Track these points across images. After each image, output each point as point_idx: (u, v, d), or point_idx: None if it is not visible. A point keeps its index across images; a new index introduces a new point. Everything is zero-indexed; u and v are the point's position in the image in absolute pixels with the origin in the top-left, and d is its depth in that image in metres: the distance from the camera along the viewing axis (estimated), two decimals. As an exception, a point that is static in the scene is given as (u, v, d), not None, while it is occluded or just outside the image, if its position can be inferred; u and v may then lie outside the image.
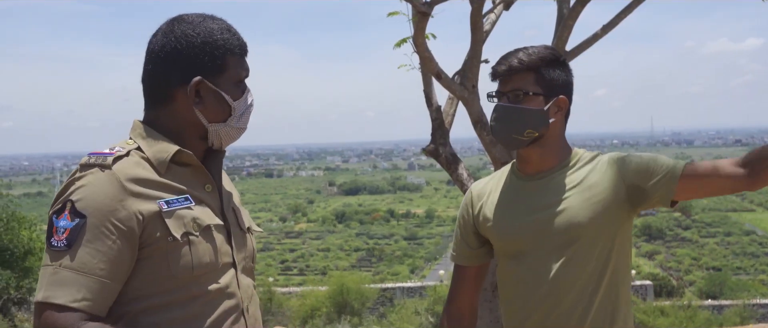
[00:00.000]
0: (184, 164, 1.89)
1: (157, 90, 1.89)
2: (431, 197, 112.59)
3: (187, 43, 1.86)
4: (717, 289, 38.01)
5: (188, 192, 1.86)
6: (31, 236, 19.45)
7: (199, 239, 1.83)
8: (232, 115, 1.92)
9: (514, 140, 2.30)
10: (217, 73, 1.88)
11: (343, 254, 71.67)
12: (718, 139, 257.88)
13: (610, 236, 2.27)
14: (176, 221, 1.79)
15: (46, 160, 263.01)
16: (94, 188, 1.72)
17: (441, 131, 6.79)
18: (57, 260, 1.68)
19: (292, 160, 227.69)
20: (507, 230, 2.36)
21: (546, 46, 2.36)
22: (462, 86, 6.29)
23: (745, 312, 24.13)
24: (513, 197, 2.38)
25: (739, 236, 72.32)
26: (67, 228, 1.69)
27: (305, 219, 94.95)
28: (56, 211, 1.73)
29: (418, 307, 24.88)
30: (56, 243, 1.69)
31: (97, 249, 1.69)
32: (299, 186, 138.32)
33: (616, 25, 6.68)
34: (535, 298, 2.29)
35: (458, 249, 2.55)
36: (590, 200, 2.25)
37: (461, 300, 2.56)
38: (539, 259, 2.29)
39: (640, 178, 2.25)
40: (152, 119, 1.91)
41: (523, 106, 2.26)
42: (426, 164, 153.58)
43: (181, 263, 1.79)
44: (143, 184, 1.78)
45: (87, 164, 1.77)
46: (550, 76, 2.29)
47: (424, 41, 5.88)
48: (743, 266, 60.20)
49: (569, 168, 2.34)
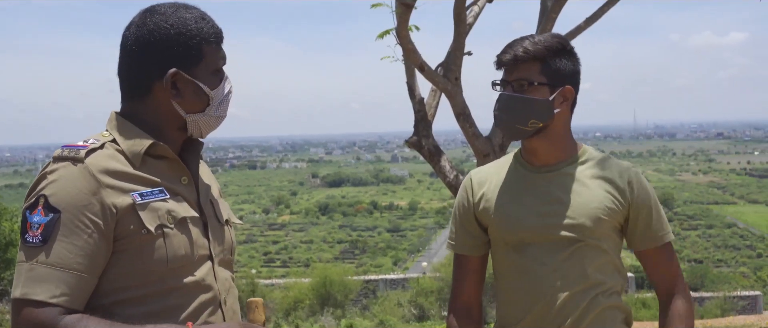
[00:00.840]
0: (159, 157, 1.86)
1: (134, 83, 1.87)
2: (414, 189, 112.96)
3: (161, 35, 1.82)
4: (698, 281, 38.28)
5: (163, 185, 1.84)
6: (12, 227, 19.30)
7: (173, 231, 1.80)
8: (211, 105, 1.90)
9: (517, 131, 2.25)
10: (193, 64, 1.86)
11: (326, 246, 71.78)
12: (700, 133, 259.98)
13: (614, 240, 2.29)
14: (150, 214, 1.77)
15: (28, 151, 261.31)
16: (66, 182, 1.70)
17: (424, 123, 6.78)
18: (33, 256, 1.66)
19: (276, 152, 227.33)
20: (511, 220, 2.30)
21: (553, 34, 2.30)
22: (445, 78, 6.28)
23: (726, 305, 24.29)
24: (519, 188, 2.33)
25: (721, 229, 73.06)
26: (41, 223, 1.67)
27: (288, 211, 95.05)
28: (29, 206, 1.70)
29: (401, 299, 24.92)
30: (31, 239, 1.67)
31: (73, 243, 1.67)
32: (282, 178, 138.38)
33: (599, 17, 6.70)
34: (537, 289, 2.26)
35: (458, 238, 2.47)
36: (600, 203, 2.24)
37: (467, 294, 2.47)
38: (544, 251, 2.25)
39: (639, 218, 2.30)
40: (130, 111, 1.88)
41: (528, 96, 2.20)
42: (409, 156, 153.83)
43: (156, 256, 1.76)
44: (117, 176, 1.76)
45: (59, 157, 1.74)
46: (556, 66, 2.23)
47: (407, 33, 5.85)
48: (724, 259, 60.89)
49: (578, 164, 2.31)
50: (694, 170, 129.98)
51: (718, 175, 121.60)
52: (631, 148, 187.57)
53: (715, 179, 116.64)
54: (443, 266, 26.80)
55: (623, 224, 2.30)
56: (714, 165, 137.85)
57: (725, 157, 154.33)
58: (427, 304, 24.27)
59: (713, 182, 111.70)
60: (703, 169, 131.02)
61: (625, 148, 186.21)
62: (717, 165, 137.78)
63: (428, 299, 24.48)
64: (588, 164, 2.31)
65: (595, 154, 2.35)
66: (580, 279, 2.23)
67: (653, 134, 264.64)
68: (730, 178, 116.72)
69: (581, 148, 2.36)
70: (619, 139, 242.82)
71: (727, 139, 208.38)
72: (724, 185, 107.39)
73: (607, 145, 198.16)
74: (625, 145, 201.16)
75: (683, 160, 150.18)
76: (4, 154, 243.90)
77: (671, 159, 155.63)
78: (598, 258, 2.25)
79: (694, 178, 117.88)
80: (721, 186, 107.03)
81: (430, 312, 23.80)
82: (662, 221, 2.31)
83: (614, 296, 2.29)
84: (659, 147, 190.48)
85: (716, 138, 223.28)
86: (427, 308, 24.10)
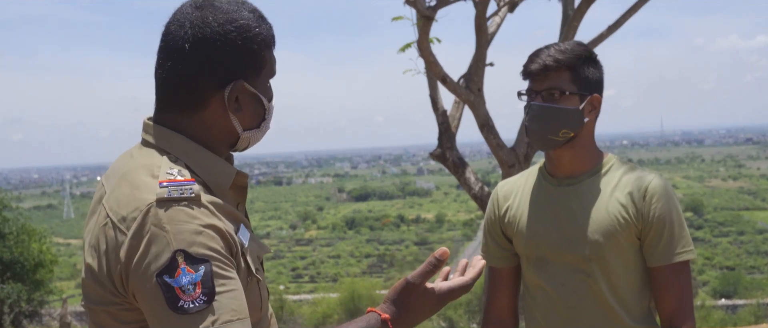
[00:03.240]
0: (233, 186, 1.61)
1: (186, 94, 1.54)
2: (441, 202, 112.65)
3: (227, 39, 1.51)
4: (731, 288, 37.89)
5: (241, 219, 1.57)
6: (41, 248, 19.53)
7: (262, 273, 1.61)
8: (266, 119, 1.64)
9: (549, 141, 2.21)
10: (256, 73, 1.58)
11: (353, 261, 71.77)
12: (728, 138, 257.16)
13: (633, 256, 2.21)
14: (250, 257, 1.54)
15: (55, 172, 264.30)
16: (197, 225, 1.40)
17: (447, 135, 6.76)
18: (204, 320, 1.35)
19: (301, 168, 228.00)
20: (531, 236, 2.29)
21: (578, 42, 2.28)
22: (467, 90, 6.26)
23: (760, 311, 24.04)
24: (540, 202, 2.31)
25: (752, 235, 72.17)
26: (196, 282, 1.36)
27: (315, 226, 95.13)
28: (164, 270, 1.36)
29: (429, 312, 24.86)
30: (192, 304, 1.35)
31: (233, 289, 1.40)
32: (308, 193, 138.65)
33: (621, 25, 6.65)
34: (555, 309, 2.25)
35: (488, 250, 2.47)
36: (614, 217, 2.19)
37: (500, 305, 2.46)
38: (562, 269, 2.24)
39: (651, 234, 2.19)
40: (175, 126, 1.56)
41: (559, 106, 2.17)
42: (435, 168, 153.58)
43: (254, 301, 1.53)
44: (223, 212, 1.49)
45: (170, 199, 1.41)
46: (584, 74, 2.20)
47: (428, 45, 5.85)
48: (757, 265, 60.08)
49: (600, 175, 2.26)
50: (724, 176, 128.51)
51: (748, 180, 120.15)
52: (659, 156, 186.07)
53: (745, 184, 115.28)
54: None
55: (641, 239, 2.21)
56: (743, 171, 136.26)
57: (755, 162, 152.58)
58: (455, 316, 24.21)
59: (743, 188, 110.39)
60: (732, 175, 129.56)
61: (652, 156, 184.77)
62: (746, 170, 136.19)
63: (457, 312, 24.42)
64: (610, 174, 2.27)
65: (620, 164, 2.30)
66: (597, 301, 2.19)
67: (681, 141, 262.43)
68: (760, 183, 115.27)
69: (606, 157, 2.31)
70: (646, 146, 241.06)
71: (757, 145, 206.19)
72: (754, 191, 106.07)
73: (634, 152, 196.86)
74: (653, 153, 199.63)
75: (712, 167, 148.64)
76: (32, 176, 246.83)
77: (700, 165, 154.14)
78: (618, 278, 2.19)
79: (724, 184, 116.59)
80: (752, 192, 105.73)
81: (458, 325, 23.71)
82: (679, 239, 2.18)
83: (638, 323, 2.22)
84: (687, 153, 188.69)
85: (745, 143, 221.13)
86: (455, 320, 24.04)
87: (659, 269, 2.18)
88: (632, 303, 2.22)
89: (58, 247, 54.44)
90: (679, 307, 2.19)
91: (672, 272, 2.18)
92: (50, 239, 22.83)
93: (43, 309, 19.62)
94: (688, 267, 2.21)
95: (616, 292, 2.19)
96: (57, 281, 24.43)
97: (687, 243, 2.20)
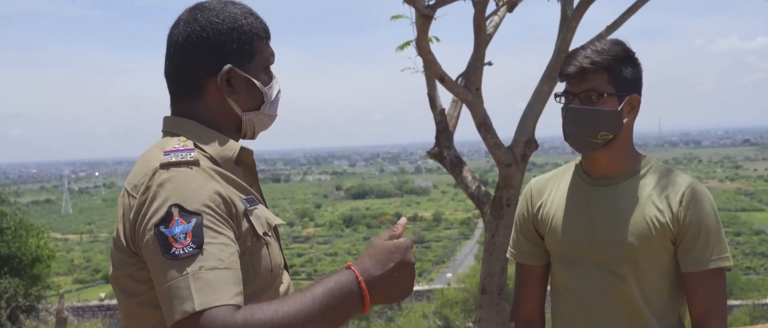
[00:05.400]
0: (239, 163, 1.81)
1: (186, 83, 1.80)
2: (439, 200, 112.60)
3: (213, 31, 1.77)
4: (727, 289, 37.88)
5: (251, 192, 1.77)
6: (38, 243, 19.52)
7: (272, 239, 1.76)
8: (265, 102, 1.86)
9: (587, 143, 2.19)
10: (246, 60, 1.81)
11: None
12: (726, 139, 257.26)
13: (667, 261, 2.20)
14: (256, 221, 1.71)
15: (54, 167, 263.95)
16: (193, 184, 1.60)
17: (445, 134, 6.78)
18: (192, 265, 1.51)
19: (300, 165, 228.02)
20: (564, 235, 2.28)
21: (616, 41, 2.25)
22: (466, 89, 6.28)
23: (756, 312, 24.02)
24: (575, 201, 2.29)
25: (749, 236, 72.16)
26: (187, 231, 1.54)
27: (313, 224, 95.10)
28: (161, 220, 1.55)
29: (426, 310, 24.87)
30: (183, 250, 1.52)
31: (223, 243, 1.56)
32: (306, 191, 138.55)
33: (620, 25, 6.66)
34: (582, 310, 2.24)
35: (518, 247, 2.45)
36: (649, 220, 2.17)
37: (529, 304, 2.45)
38: (593, 270, 2.22)
39: (686, 239, 2.17)
40: (185, 114, 1.81)
41: (598, 108, 2.15)
42: (433, 167, 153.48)
43: (263, 264, 1.71)
44: (225, 179, 1.69)
45: (170, 164, 1.63)
46: (622, 75, 2.17)
47: (427, 44, 5.86)
48: (753, 266, 60.07)
49: (638, 177, 2.24)
50: (721, 177, 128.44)
51: (746, 181, 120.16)
52: (657, 156, 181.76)
53: (742, 185, 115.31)
54: (468, 277, 26.69)
55: (675, 244, 2.19)
56: (741, 172, 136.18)
57: (752, 163, 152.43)
58: (451, 315, 24.19)
59: (740, 189, 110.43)
60: (730, 176, 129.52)
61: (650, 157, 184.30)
62: (744, 172, 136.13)
63: (453, 311, 24.39)
64: (648, 177, 2.25)
65: (659, 166, 2.29)
66: (626, 304, 2.18)
67: (679, 142, 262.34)
68: (757, 184, 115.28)
69: (644, 159, 2.30)
70: (644, 147, 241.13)
71: (754, 146, 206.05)
72: (751, 192, 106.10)
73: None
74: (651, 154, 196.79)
75: (710, 168, 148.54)
76: (30, 171, 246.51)
77: (697, 166, 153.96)
78: (649, 282, 2.18)
79: (721, 185, 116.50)
80: (749, 193, 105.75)
81: (454, 323, 23.71)
82: (714, 245, 2.15)
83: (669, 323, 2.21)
84: (685, 154, 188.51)
85: (743, 144, 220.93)
86: (451, 319, 24.02)
87: (693, 275, 2.16)
88: (662, 309, 2.20)
89: (55, 242, 54.39)
90: (711, 314, 2.16)
91: (705, 278, 2.15)
92: (48, 234, 22.83)
93: (40, 304, 19.59)
94: (723, 274, 2.18)
95: (647, 296, 2.18)
96: (54, 277, 24.37)
97: (723, 250, 2.17)
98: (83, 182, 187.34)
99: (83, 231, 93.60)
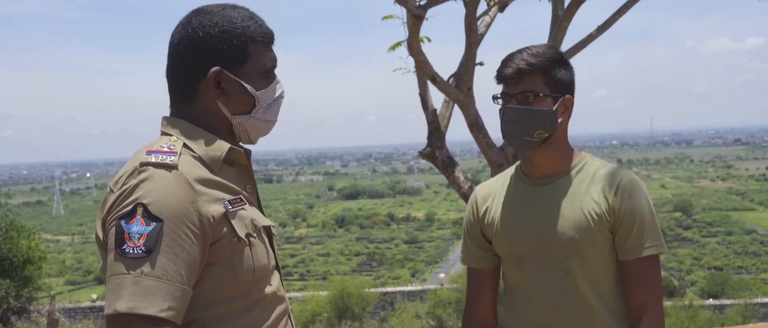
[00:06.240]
0: (231, 163, 1.82)
1: (180, 84, 1.81)
2: (431, 201, 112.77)
3: (205, 34, 1.77)
4: (718, 288, 38.00)
5: (239, 192, 1.78)
6: (30, 245, 19.46)
7: (256, 240, 1.77)
8: (257, 106, 1.84)
9: (525, 142, 2.27)
10: (238, 63, 1.80)
11: (343, 259, 71.68)
12: (717, 139, 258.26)
13: (610, 252, 2.26)
14: (239, 222, 1.72)
15: (45, 168, 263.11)
16: (166, 189, 1.61)
17: (437, 134, 6.77)
18: (135, 267, 1.54)
19: (292, 166, 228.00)
20: (510, 235, 2.33)
21: (549, 45, 2.34)
22: (457, 89, 6.27)
23: (747, 311, 24.15)
24: (518, 202, 2.36)
25: (741, 236, 72.42)
26: (142, 233, 1.56)
27: (305, 224, 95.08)
28: (124, 215, 1.58)
29: (419, 311, 24.91)
30: (132, 250, 1.55)
31: (176, 255, 1.58)
32: (299, 191, 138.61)
33: (611, 25, 6.67)
34: (536, 307, 2.28)
35: (468, 251, 2.51)
36: (587, 213, 2.23)
37: (480, 306, 2.50)
38: (540, 267, 2.28)
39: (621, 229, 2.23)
40: (180, 115, 1.82)
41: (534, 108, 2.23)
42: (425, 167, 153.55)
43: (245, 265, 1.72)
44: (206, 184, 1.69)
45: (150, 163, 1.65)
46: (557, 76, 2.26)
47: (418, 44, 5.85)
48: (745, 265, 60.28)
49: (575, 173, 2.32)
50: (713, 176, 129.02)
51: (737, 181, 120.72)
52: (649, 156, 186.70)
53: (733, 185, 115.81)
54: (461, 277, 26.77)
55: (613, 233, 2.25)
56: (732, 171, 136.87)
57: (743, 163, 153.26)
58: (445, 315, 24.23)
59: (732, 189, 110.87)
60: (721, 175, 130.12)
61: (641, 156, 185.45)
62: (735, 171, 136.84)
63: (446, 311, 24.44)
64: (584, 172, 2.32)
65: (594, 162, 2.35)
66: (576, 297, 2.24)
67: (670, 141, 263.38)
68: (748, 184, 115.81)
69: (579, 156, 2.37)
70: (635, 147, 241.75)
71: (745, 145, 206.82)
72: (743, 191, 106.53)
73: (623, 153, 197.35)
74: (642, 153, 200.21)
75: (701, 167, 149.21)
76: (21, 172, 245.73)
77: (689, 166, 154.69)
78: (596, 274, 2.24)
79: (713, 184, 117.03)
80: (740, 192, 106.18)
81: (447, 323, 23.74)
82: (649, 233, 2.23)
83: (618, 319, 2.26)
84: (677, 154, 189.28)
85: (734, 144, 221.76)
86: (444, 319, 24.05)
87: (629, 263, 2.23)
88: (612, 300, 2.26)
89: (46, 243, 54.14)
90: (647, 301, 2.22)
91: (641, 266, 2.22)
92: (39, 235, 22.75)
93: (32, 306, 19.56)
94: (658, 262, 2.25)
95: (596, 288, 2.24)
96: (45, 278, 24.31)
97: (656, 238, 2.23)
98: (74, 183, 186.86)
99: (74, 232, 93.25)
